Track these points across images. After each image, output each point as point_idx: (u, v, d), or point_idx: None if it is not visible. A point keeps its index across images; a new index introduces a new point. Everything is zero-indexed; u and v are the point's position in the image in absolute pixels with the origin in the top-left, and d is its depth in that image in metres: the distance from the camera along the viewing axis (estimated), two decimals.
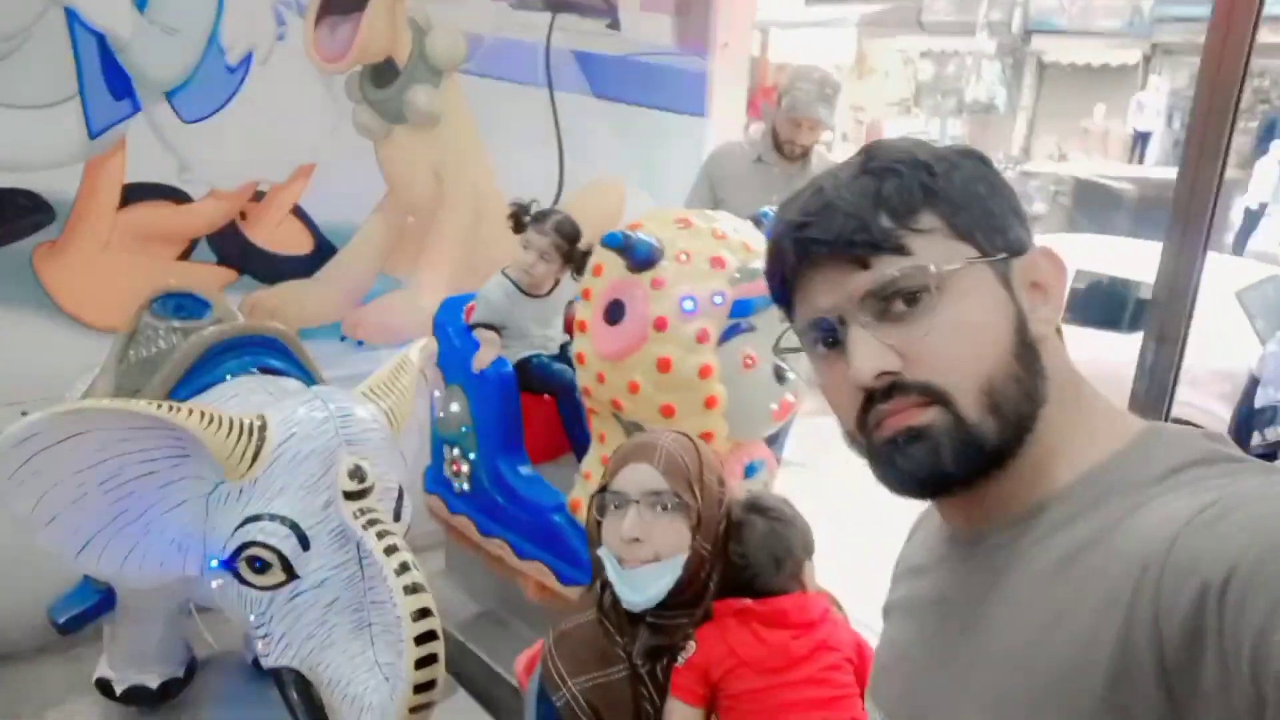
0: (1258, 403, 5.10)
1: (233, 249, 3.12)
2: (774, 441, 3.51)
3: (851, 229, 0.74)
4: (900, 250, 0.74)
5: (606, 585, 1.48)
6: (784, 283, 0.81)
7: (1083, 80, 18.55)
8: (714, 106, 4.14)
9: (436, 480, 2.92)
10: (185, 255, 3.04)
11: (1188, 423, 0.78)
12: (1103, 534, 0.68)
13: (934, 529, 0.91)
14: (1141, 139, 17.14)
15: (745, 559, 1.49)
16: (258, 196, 3.13)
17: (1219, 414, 5.56)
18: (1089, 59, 18.43)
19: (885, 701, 0.90)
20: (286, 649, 1.68)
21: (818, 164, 3.37)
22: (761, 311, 2.11)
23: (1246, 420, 5.08)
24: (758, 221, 2.30)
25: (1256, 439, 4.93)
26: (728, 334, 2.11)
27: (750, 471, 2.29)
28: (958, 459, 0.73)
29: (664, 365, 2.07)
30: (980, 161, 0.79)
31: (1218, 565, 0.55)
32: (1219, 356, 5.69)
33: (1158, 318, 2.65)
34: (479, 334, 2.73)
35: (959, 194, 0.75)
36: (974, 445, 0.73)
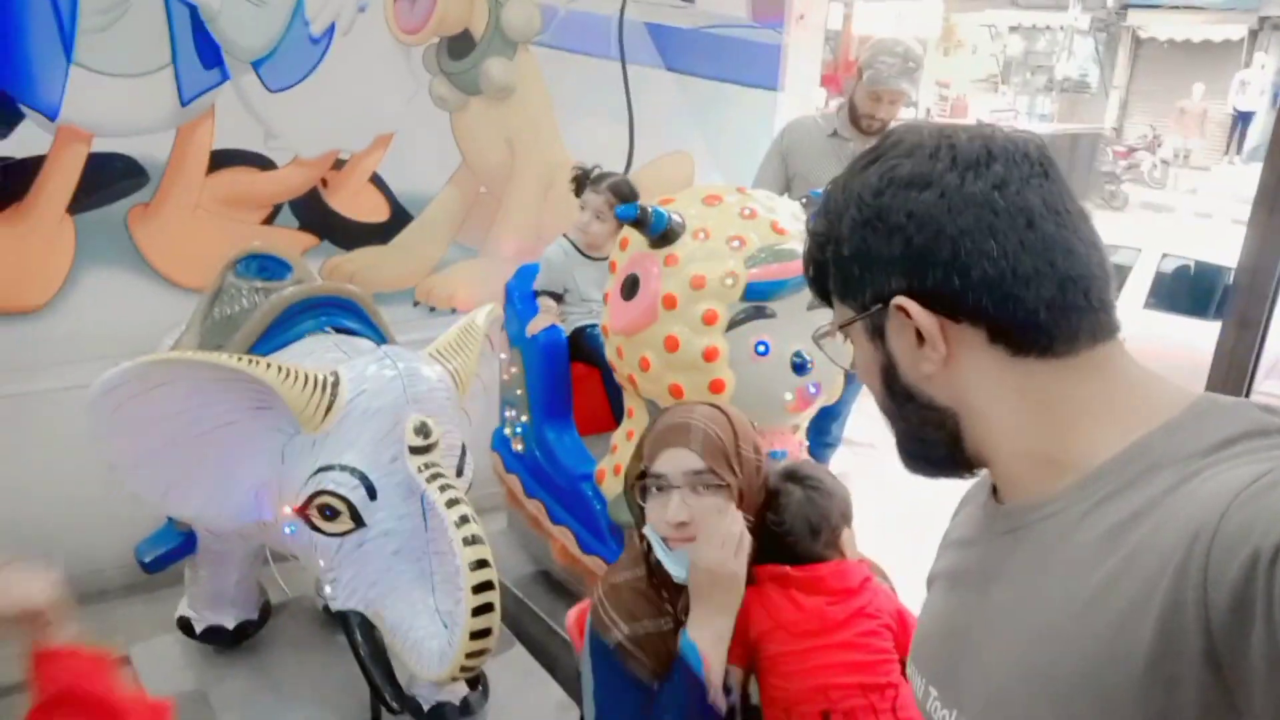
0: None
1: (314, 215, 3.24)
2: (834, 419, 3.51)
3: (808, 282, 0.92)
4: (831, 304, 0.90)
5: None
6: None
7: (1181, 57, 17.75)
8: (787, 80, 4.10)
9: (500, 439, 3.01)
10: (269, 220, 3.17)
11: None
12: (1153, 505, 0.68)
13: (981, 503, 0.92)
14: (1242, 119, 16.35)
15: (782, 527, 1.52)
16: (338, 165, 3.23)
17: None
18: (1189, 34, 17.61)
19: (927, 669, 0.91)
20: (353, 593, 1.77)
21: None
22: (785, 296, 2.00)
23: None
24: (810, 202, 2.22)
25: None
26: (745, 318, 2.02)
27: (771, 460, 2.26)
28: (905, 461, 0.90)
29: (671, 344, 2.01)
30: (874, 201, 0.79)
31: (1269, 535, 0.55)
32: None
33: (1239, 302, 2.57)
34: (539, 301, 2.79)
35: (844, 258, 0.83)
36: (907, 453, 0.89)
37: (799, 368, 2.03)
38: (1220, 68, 16.72)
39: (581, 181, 2.79)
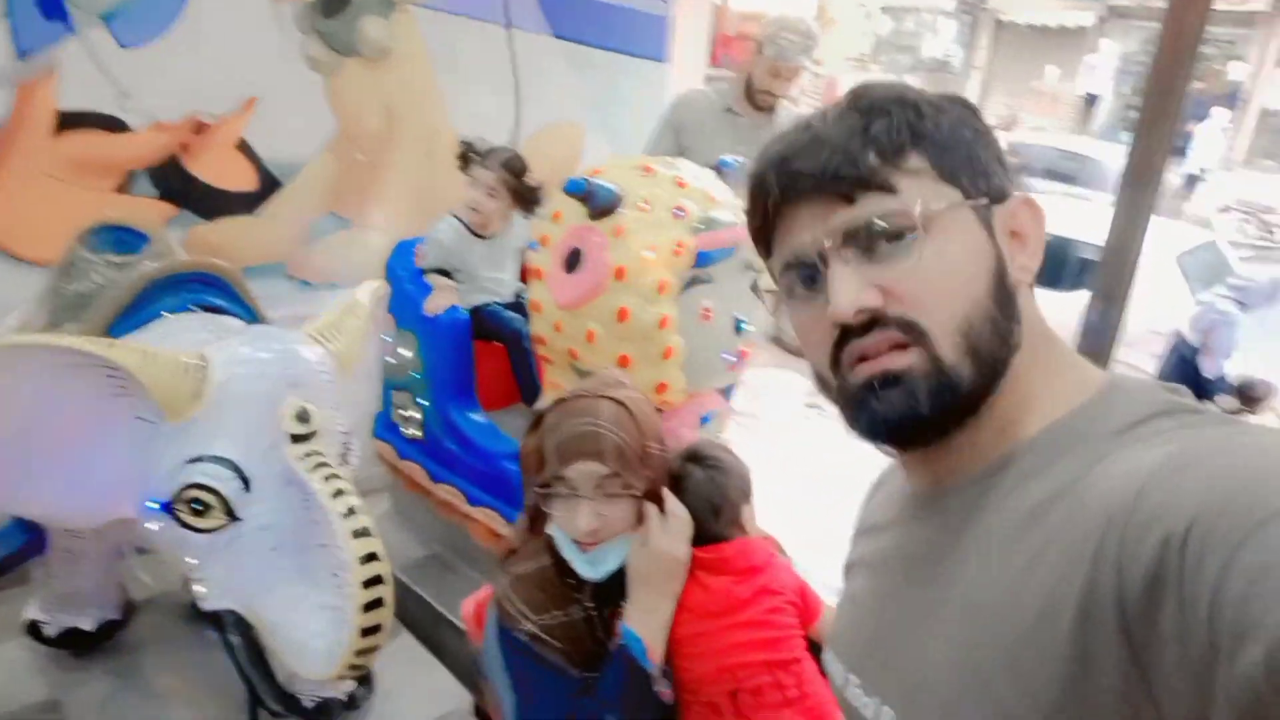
0: (1206, 372, 5.26)
1: (174, 183, 3.02)
2: (725, 393, 3.54)
3: (838, 162, 0.74)
4: (886, 188, 0.73)
5: None
6: (765, 219, 0.80)
7: (1037, 41, 18.69)
8: (675, 52, 4.07)
9: (386, 426, 2.88)
10: (124, 188, 2.93)
11: None
12: (1068, 486, 0.68)
13: (896, 488, 0.91)
14: (1091, 101, 17.38)
15: (685, 508, 1.51)
16: (200, 129, 3.02)
17: (1150, 372, 5.77)
18: (1045, 19, 18.54)
19: (848, 655, 0.90)
20: (227, 592, 1.65)
21: (784, 116, 3.36)
22: (721, 262, 2.09)
23: (1179, 381, 5.25)
24: (719, 170, 2.28)
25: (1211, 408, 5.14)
26: (686, 285, 2.09)
27: (704, 421, 2.30)
28: (933, 404, 0.73)
29: (622, 315, 2.04)
30: (966, 107, 0.79)
31: (1179, 517, 0.56)
32: (1155, 317, 5.88)
33: (1104, 278, 2.70)
34: (432, 279, 2.68)
35: (946, 137, 0.76)
36: (949, 389, 0.73)
37: (738, 329, 2.15)
38: (1072, 52, 17.69)
39: (468, 157, 2.69)
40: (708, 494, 1.53)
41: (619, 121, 3.88)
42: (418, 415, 2.74)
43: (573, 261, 2.11)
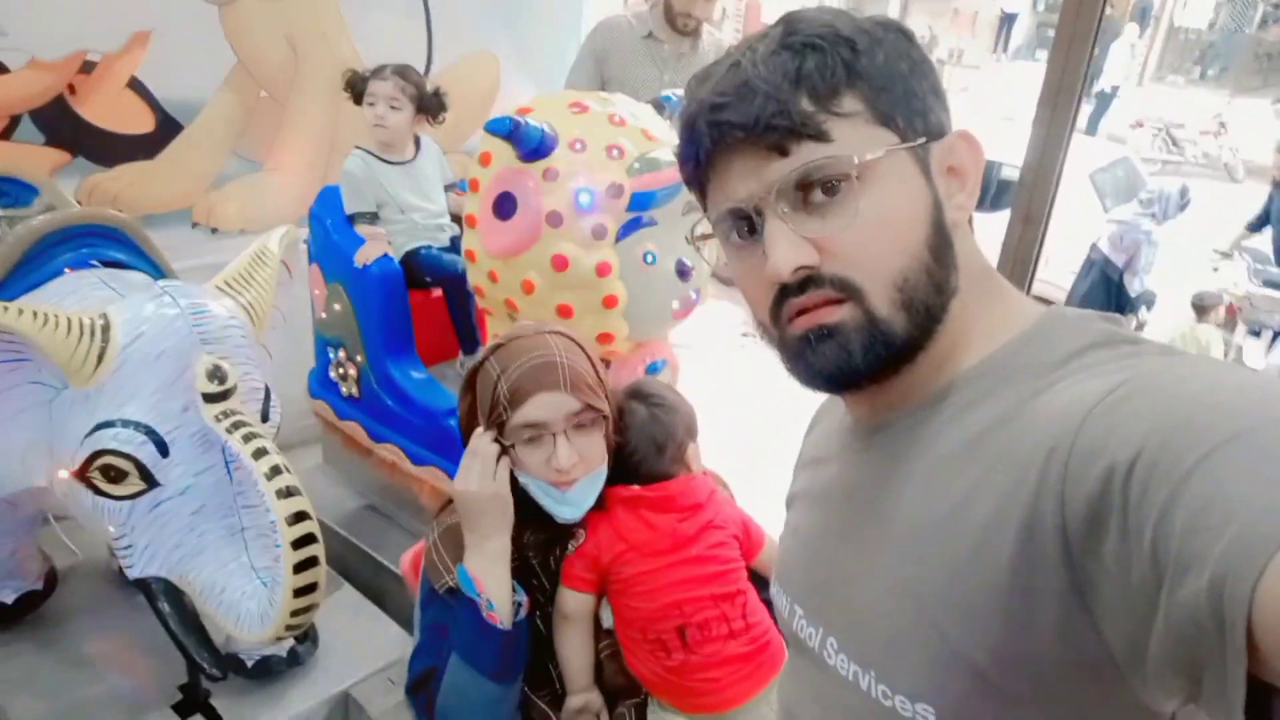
0: (1132, 290, 5.43)
1: (63, 127, 2.82)
2: None
3: (770, 112, 0.70)
4: (821, 136, 0.70)
5: None
6: (698, 167, 0.78)
7: None
8: None
9: (323, 384, 2.77)
10: (6, 134, 2.73)
11: (1045, 300, 0.80)
12: (1008, 416, 0.68)
13: (836, 420, 0.91)
14: (1008, 20, 17.50)
15: (628, 446, 1.49)
16: (87, 68, 2.81)
17: (1065, 288, 5.94)
18: None
19: (793, 587, 0.91)
20: (152, 560, 1.59)
21: (707, 40, 3.29)
22: (663, 204, 1.98)
23: (1096, 297, 5.42)
24: (659, 106, 2.16)
25: (1132, 323, 5.36)
26: (627, 229, 1.98)
27: (652, 370, 2.25)
28: (867, 356, 0.73)
29: (560, 263, 1.93)
30: (902, 36, 0.75)
31: (1124, 448, 0.56)
32: (1070, 234, 6.03)
33: (1024, 198, 2.72)
34: (362, 229, 2.54)
35: (881, 73, 0.72)
36: (883, 342, 0.73)
37: (683, 274, 2.03)
38: None
39: (356, 83, 2.58)
40: (651, 432, 1.51)
41: (539, 51, 3.73)
42: (354, 373, 2.63)
43: (504, 207, 1.99)
